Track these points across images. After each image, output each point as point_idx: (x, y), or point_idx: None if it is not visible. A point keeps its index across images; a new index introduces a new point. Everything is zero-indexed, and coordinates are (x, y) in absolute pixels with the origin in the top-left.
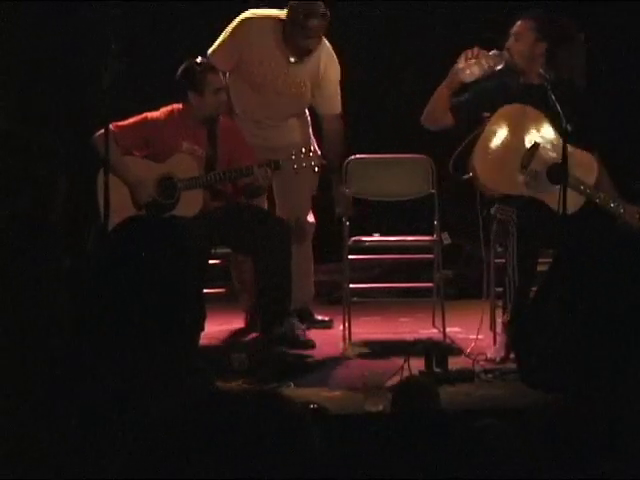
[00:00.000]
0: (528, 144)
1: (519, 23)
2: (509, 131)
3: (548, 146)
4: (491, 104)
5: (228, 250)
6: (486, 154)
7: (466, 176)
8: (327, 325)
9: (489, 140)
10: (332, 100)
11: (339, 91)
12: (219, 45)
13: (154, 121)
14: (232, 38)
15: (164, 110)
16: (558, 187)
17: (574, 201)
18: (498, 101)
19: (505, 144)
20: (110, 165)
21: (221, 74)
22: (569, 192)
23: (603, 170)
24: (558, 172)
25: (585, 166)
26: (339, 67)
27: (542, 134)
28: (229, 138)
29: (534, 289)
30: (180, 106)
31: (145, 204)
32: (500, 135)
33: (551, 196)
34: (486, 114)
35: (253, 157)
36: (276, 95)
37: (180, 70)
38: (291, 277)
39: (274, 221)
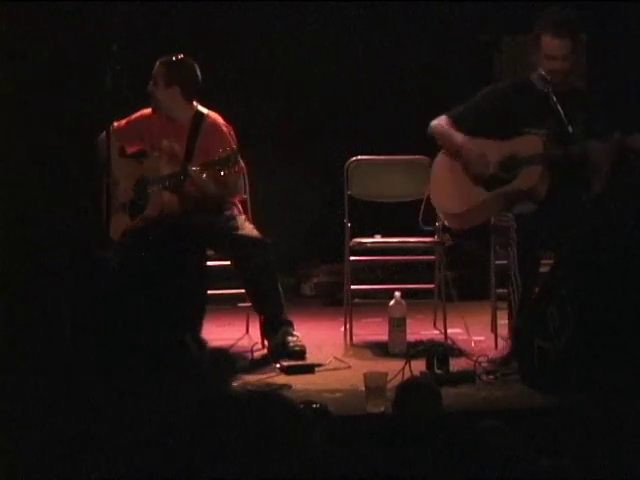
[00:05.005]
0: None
1: (559, 42)
2: (448, 169)
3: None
4: (492, 109)
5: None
6: (442, 199)
7: (438, 223)
8: None
9: (436, 187)
10: None
11: None
12: None
13: (146, 117)
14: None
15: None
16: (517, 172)
17: (534, 176)
18: (498, 107)
19: (451, 179)
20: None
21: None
22: (530, 169)
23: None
24: (509, 163)
25: (531, 145)
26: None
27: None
28: (210, 135)
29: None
30: None
31: (123, 204)
32: (444, 176)
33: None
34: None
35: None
36: None
37: None
38: (278, 287)
39: (253, 236)
